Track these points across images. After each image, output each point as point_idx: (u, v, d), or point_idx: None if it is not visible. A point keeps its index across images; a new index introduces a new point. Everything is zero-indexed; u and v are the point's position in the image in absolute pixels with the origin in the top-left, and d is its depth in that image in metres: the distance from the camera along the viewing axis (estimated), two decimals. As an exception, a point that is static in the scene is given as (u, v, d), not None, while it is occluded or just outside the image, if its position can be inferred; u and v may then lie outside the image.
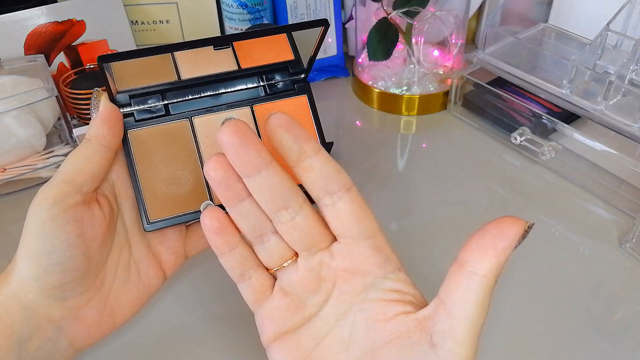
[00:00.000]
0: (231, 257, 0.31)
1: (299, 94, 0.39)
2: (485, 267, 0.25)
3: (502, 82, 0.58)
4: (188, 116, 0.37)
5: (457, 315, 0.25)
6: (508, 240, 0.25)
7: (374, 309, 0.28)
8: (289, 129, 0.28)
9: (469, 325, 0.25)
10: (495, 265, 0.25)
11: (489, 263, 0.25)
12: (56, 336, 0.31)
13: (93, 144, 0.32)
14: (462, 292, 0.26)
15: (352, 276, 0.29)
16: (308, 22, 0.33)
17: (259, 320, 0.32)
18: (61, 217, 0.30)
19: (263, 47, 0.38)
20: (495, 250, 0.25)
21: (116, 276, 0.34)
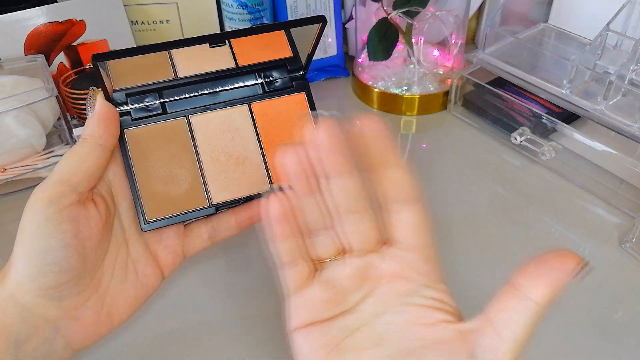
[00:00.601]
0: (283, 244, 0.30)
1: (297, 91, 0.39)
2: (540, 295, 0.26)
3: (502, 82, 0.58)
4: (185, 114, 0.37)
5: (505, 336, 0.26)
6: (566, 273, 0.26)
7: (415, 313, 0.29)
8: (381, 137, 0.28)
9: (513, 347, 0.26)
10: (550, 295, 0.26)
11: (545, 291, 0.26)
12: (53, 337, 0.31)
13: (89, 143, 0.32)
14: (513, 314, 0.26)
15: (397, 280, 0.30)
16: (305, 18, 0.33)
17: (292, 306, 0.31)
18: (57, 217, 0.30)
19: (261, 45, 0.38)
20: (554, 281, 0.26)
21: (113, 276, 0.34)
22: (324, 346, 0.29)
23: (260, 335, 0.40)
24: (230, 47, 0.38)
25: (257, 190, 0.37)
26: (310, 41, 0.35)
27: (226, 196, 0.36)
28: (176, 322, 0.41)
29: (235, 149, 0.37)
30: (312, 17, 0.33)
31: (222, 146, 0.37)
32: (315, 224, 0.30)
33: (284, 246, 0.30)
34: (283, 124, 0.38)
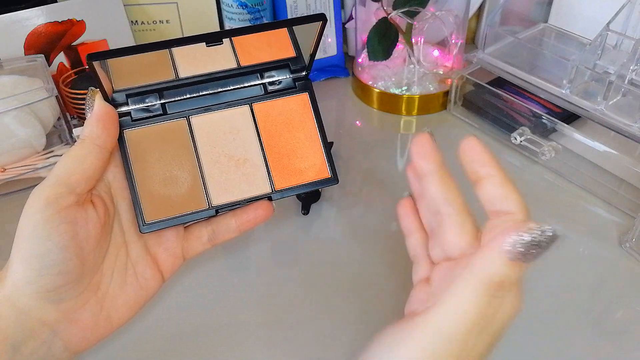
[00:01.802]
0: (409, 240, 0.35)
1: (300, 92, 0.38)
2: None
3: (502, 82, 0.58)
4: (185, 115, 0.36)
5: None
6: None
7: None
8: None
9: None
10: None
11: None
12: (51, 339, 0.31)
13: (87, 144, 0.32)
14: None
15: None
16: (305, 16, 0.32)
17: (414, 295, 0.33)
18: (54, 219, 0.30)
19: (263, 44, 0.38)
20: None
21: (113, 278, 0.34)
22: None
23: (260, 337, 0.40)
24: (232, 46, 0.37)
25: (257, 193, 0.36)
26: (311, 41, 0.35)
27: (226, 198, 0.36)
28: (176, 325, 0.41)
29: (236, 150, 0.37)
30: (312, 16, 0.32)
31: (223, 147, 0.37)
32: (429, 225, 0.34)
33: (408, 242, 0.35)
34: (285, 125, 0.38)
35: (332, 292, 0.43)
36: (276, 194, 0.37)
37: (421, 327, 0.27)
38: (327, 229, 0.49)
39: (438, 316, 0.27)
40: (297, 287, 0.43)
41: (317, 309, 0.42)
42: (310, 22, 0.33)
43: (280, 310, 0.42)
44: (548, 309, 0.41)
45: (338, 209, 0.51)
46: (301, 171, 0.37)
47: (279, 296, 0.43)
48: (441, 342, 0.26)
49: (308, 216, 0.50)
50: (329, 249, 0.47)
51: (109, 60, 0.34)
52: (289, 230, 0.49)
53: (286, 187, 0.37)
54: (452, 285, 0.27)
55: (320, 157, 0.38)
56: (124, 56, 0.30)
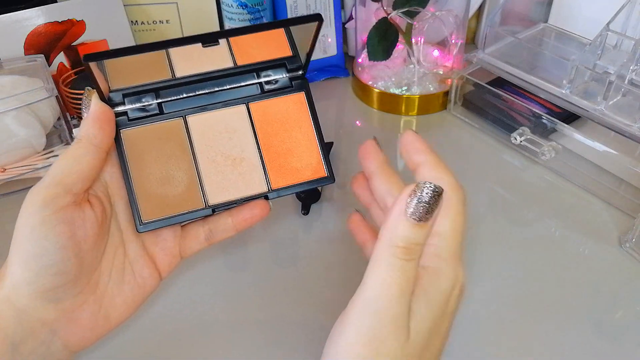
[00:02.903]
0: (366, 250, 0.36)
1: (296, 91, 0.38)
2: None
3: (502, 82, 0.58)
4: (182, 115, 0.36)
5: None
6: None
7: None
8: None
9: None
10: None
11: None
12: (50, 339, 0.31)
13: (84, 144, 0.32)
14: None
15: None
16: (301, 17, 0.32)
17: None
18: (52, 219, 0.30)
19: (260, 43, 0.37)
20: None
21: (111, 277, 0.34)
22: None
23: (260, 336, 0.40)
24: (228, 46, 0.37)
25: (254, 192, 0.37)
26: (308, 40, 0.35)
27: (223, 197, 0.36)
28: (173, 323, 0.41)
29: (232, 149, 0.37)
30: (308, 16, 0.32)
31: (220, 147, 0.37)
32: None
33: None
34: (282, 125, 0.38)
35: (332, 292, 0.43)
36: (272, 193, 0.37)
37: (351, 309, 0.28)
38: (327, 229, 0.49)
39: (364, 293, 0.27)
40: (296, 287, 0.43)
41: (317, 309, 0.42)
42: (306, 22, 0.33)
43: (280, 310, 0.42)
44: (548, 308, 0.41)
45: (338, 209, 0.51)
46: (297, 170, 0.37)
47: (279, 296, 0.43)
48: (373, 315, 0.27)
49: (308, 216, 0.50)
50: (329, 249, 0.47)
51: (106, 60, 0.34)
52: (288, 230, 0.49)
53: (282, 187, 0.37)
54: (370, 260, 0.28)
55: (316, 156, 0.38)
56: (120, 57, 0.30)
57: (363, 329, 0.27)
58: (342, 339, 0.27)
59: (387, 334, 0.26)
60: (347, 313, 0.28)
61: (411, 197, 0.27)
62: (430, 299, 0.28)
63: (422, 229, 0.27)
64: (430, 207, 0.27)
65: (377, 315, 0.26)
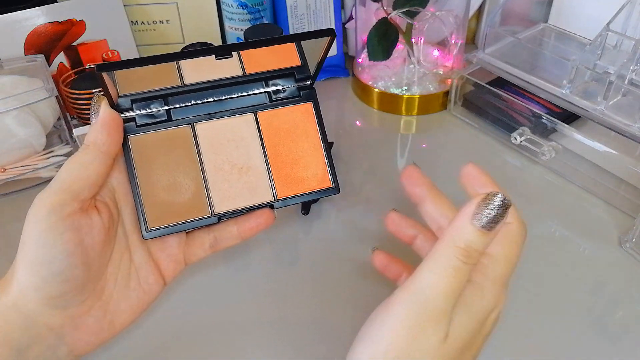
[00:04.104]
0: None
1: (304, 101, 0.38)
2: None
3: (502, 82, 0.58)
4: (190, 122, 0.36)
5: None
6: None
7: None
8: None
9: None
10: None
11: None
12: (56, 344, 0.31)
13: (92, 150, 0.32)
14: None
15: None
16: (314, 31, 0.32)
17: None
18: (59, 226, 0.30)
19: (269, 52, 0.37)
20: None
21: (116, 283, 0.34)
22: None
23: (262, 337, 0.40)
24: (238, 54, 0.37)
25: (260, 201, 0.36)
26: (318, 52, 0.35)
27: (229, 206, 0.36)
28: (176, 328, 0.41)
29: (239, 158, 0.37)
30: (321, 31, 0.32)
31: (227, 155, 0.36)
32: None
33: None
34: (289, 134, 0.38)
35: (332, 292, 0.43)
36: (278, 202, 0.37)
37: (401, 294, 0.28)
38: (327, 229, 0.49)
39: (416, 281, 0.28)
40: (297, 287, 0.43)
41: (317, 309, 0.42)
42: (319, 37, 0.33)
43: (281, 310, 0.42)
44: (548, 308, 0.41)
45: (338, 209, 0.51)
46: (303, 180, 0.37)
47: (280, 296, 0.43)
48: (419, 304, 0.27)
49: (308, 216, 0.50)
50: (329, 249, 0.47)
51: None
52: (289, 231, 0.49)
53: (288, 196, 0.37)
54: (428, 254, 0.28)
55: (322, 167, 0.38)
56: (132, 67, 0.30)
57: (409, 313, 0.27)
58: (387, 318, 0.28)
59: (429, 324, 0.27)
60: (396, 296, 0.28)
61: (481, 204, 0.28)
62: (471, 311, 0.29)
63: (485, 237, 0.28)
64: (497, 216, 0.28)
65: (425, 305, 0.27)
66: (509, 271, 0.30)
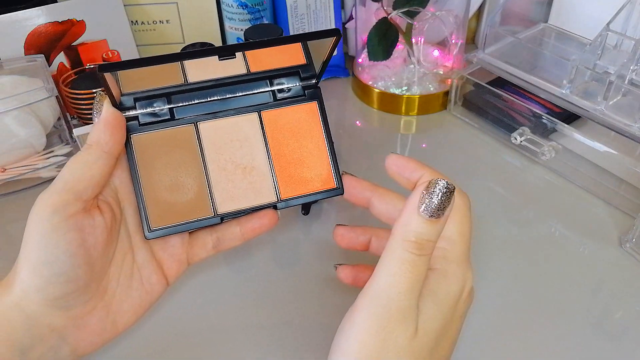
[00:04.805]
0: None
1: (309, 100, 0.38)
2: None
3: (502, 82, 0.58)
4: (193, 121, 0.36)
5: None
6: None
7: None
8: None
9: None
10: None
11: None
12: (59, 344, 0.31)
13: (94, 150, 0.32)
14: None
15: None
16: (320, 32, 0.32)
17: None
18: (62, 226, 0.30)
19: (273, 51, 0.37)
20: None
21: (119, 283, 0.34)
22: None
23: (262, 338, 0.40)
24: (242, 53, 0.37)
25: (263, 201, 0.36)
26: (324, 51, 0.34)
27: (232, 206, 0.36)
28: (179, 328, 0.41)
29: (243, 158, 0.36)
30: (326, 31, 0.32)
31: (230, 155, 0.36)
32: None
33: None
34: (293, 134, 0.37)
35: (332, 293, 0.43)
36: (281, 203, 0.36)
37: (362, 300, 0.28)
38: (327, 229, 0.49)
39: (374, 284, 0.28)
40: (297, 288, 0.43)
41: (318, 309, 0.42)
42: (325, 37, 0.32)
43: (281, 311, 0.42)
44: (548, 308, 0.41)
45: (338, 209, 0.51)
46: (307, 180, 0.37)
47: (280, 296, 0.43)
48: (383, 306, 0.27)
49: (308, 216, 0.50)
50: (329, 249, 0.47)
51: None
52: (289, 231, 0.49)
53: (292, 197, 0.37)
54: (382, 254, 0.28)
55: (326, 167, 0.37)
56: (134, 68, 0.30)
57: (372, 319, 0.27)
58: (352, 328, 0.27)
59: (395, 325, 0.27)
60: (357, 303, 0.28)
61: (424, 193, 0.27)
62: (438, 300, 0.28)
63: (435, 225, 0.27)
64: (442, 203, 0.27)
65: (386, 306, 0.27)
66: (467, 247, 0.30)
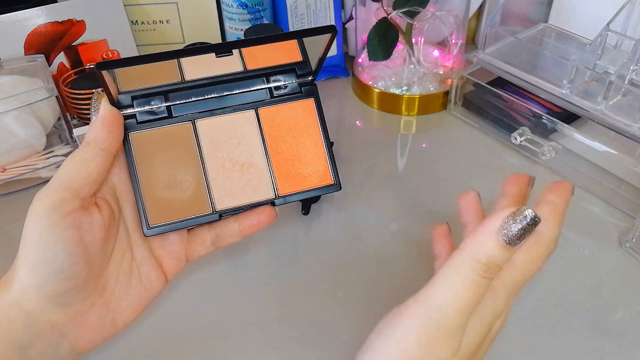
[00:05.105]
0: (437, 262, 0.37)
1: (305, 97, 0.38)
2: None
3: (502, 82, 0.58)
4: (191, 119, 0.36)
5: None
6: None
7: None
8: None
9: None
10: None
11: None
12: (58, 342, 0.31)
13: (92, 148, 0.32)
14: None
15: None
16: (316, 28, 0.32)
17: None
18: (60, 224, 0.30)
19: (270, 48, 0.37)
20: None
21: (118, 280, 0.34)
22: None
23: (261, 337, 0.40)
24: (238, 50, 0.37)
25: (261, 198, 0.36)
26: (319, 47, 0.35)
27: (230, 203, 0.36)
28: (178, 325, 0.41)
29: (240, 155, 0.37)
30: (322, 27, 0.32)
31: (228, 152, 0.36)
32: None
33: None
34: (290, 131, 0.38)
35: (332, 292, 0.43)
36: (279, 199, 0.37)
37: (413, 307, 0.28)
38: (327, 229, 0.49)
39: (431, 296, 0.27)
40: (297, 287, 0.43)
41: (317, 309, 0.42)
42: (321, 33, 0.32)
43: (281, 310, 0.42)
44: (548, 308, 0.41)
45: (338, 209, 0.51)
46: (305, 177, 0.37)
47: (280, 296, 0.43)
48: (433, 321, 0.27)
49: (308, 216, 0.50)
50: (329, 249, 0.47)
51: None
52: (289, 231, 0.49)
53: (289, 193, 0.37)
54: (445, 265, 0.28)
55: (324, 163, 0.38)
56: (132, 65, 0.30)
57: (421, 330, 0.27)
58: (395, 333, 0.27)
59: (443, 342, 0.27)
60: (408, 310, 0.28)
61: (509, 219, 0.27)
62: (483, 317, 0.28)
63: (508, 252, 0.27)
64: (524, 233, 0.27)
65: (440, 322, 0.27)
66: (524, 280, 0.30)
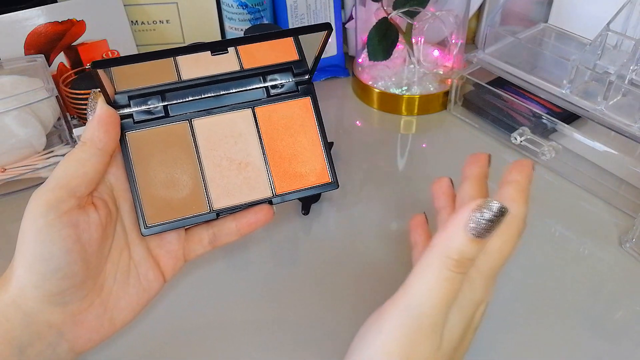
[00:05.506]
0: (415, 251, 0.39)
1: (302, 96, 0.38)
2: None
3: (502, 82, 0.58)
4: (188, 118, 0.36)
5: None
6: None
7: None
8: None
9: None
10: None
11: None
12: (57, 341, 0.31)
13: (88, 147, 0.32)
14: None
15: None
16: (311, 26, 0.32)
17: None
18: (57, 223, 0.30)
19: (266, 47, 0.37)
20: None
21: (116, 280, 0.34)
22: None
23: (261, 337, 0.40)
24: (235, 49, 0.37)
25: (259, 197, 0.36)
26: (316, 46, 0.35)
27: (227, 202, 0.36)
28: (176, 325, 0.41)
29: (237, 154, 0.37)
30: (317, 25, 0.32)
31: (225, 151, 0.36)
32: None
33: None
34: (287, 129, 0.38)
35: (332, 292, 0.43)
36: (277, 198, 0.37)
37: (391, 309, 0.28)
38: (327, 229, 0.49)
39: (407, 295, 0.28)
40: (297, 287, 0.43)
41: (317, 309, 0.42)
42: (316, 31, 0.33)
43: (281, 310, 0.42)
44: (548, 308, 0.41)
45: (338, 209, 0.51)
46: (302, 175, 0.37)
47: (279, 296, 0.43)
48: (415, 319, 0.27)
49: (308, 216, 0.50)
50: (329, 249, 0.47)
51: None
52: (289, 231, 0.49)
53: (287, 192, 0.37)
54: (418, 264, 0.28)
55: (321, 162, 0.38)
56: (128, 64, 0.30)
57: (402, 330, 0.27)
58: (378, 335, 0.27)
59: (423, 339, 0.27)
60: (386, 312, 0.28)
61: (475, 212, 0.27)
62: (462, 308, 0.28)
63: (478, 245, 0.27)
64: (492, 225, 0.27)
65: (419, 320, 0.27)
66: (500, 264, 0.30)
